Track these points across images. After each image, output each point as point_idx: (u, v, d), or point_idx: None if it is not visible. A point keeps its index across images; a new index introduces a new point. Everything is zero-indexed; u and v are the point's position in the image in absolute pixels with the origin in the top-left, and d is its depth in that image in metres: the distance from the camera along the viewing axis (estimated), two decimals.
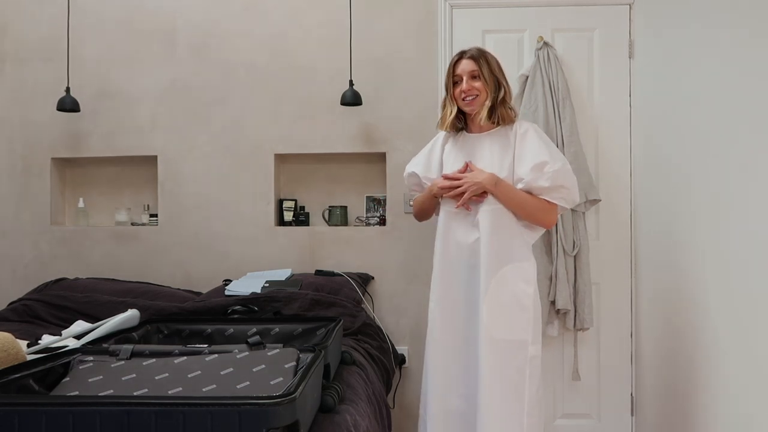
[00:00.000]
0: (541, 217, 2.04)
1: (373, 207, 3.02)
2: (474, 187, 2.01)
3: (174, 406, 1.07)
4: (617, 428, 2.85)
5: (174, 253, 2.99)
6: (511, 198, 2.02)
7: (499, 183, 2.01)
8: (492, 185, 2.01)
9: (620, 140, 2.86)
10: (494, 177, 2.01)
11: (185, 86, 2.99)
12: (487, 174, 2.02)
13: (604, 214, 2.86)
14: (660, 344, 2.52)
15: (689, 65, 2.22)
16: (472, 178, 2.02)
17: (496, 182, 2.01)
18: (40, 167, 3.06)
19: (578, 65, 2.86)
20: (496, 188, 2.01)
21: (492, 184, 2.01)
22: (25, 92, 3.06)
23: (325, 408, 1.45)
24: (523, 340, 1.99)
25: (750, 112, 1.77)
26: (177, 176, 3.00)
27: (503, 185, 2.02)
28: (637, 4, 2.82)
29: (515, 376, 1.97)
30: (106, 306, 2.47)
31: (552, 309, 2.73)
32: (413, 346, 2.87)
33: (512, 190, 2.02)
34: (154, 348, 1.51)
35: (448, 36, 2.88)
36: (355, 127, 2.93)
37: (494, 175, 2.02)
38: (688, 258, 2.21)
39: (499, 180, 2.02)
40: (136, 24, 3.02)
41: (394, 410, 2.70)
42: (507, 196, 2.02)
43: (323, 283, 2.67)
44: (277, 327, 1.95)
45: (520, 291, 2.02)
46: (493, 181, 2.01)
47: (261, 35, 2.97)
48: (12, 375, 1.29)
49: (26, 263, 3.06)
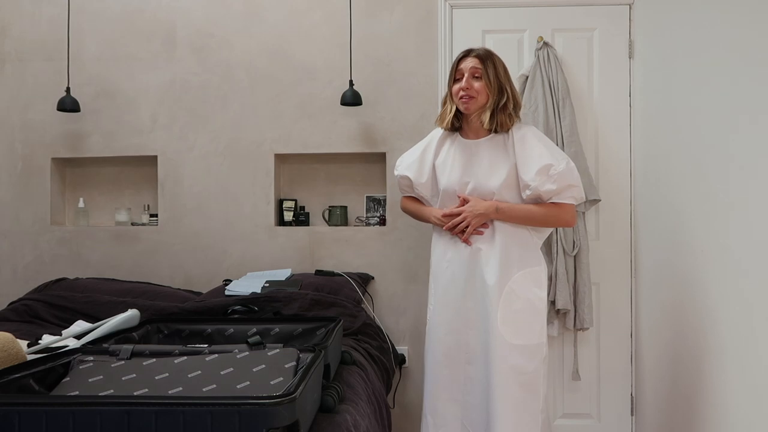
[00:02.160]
0: (554, 220, 2.05)
1: (373, 207, 3.02)
2: (476, 220, 2.01)
3: (174, 406, 1.07)
4: (617, 428, 2.86)
5: (174, 253, 2.99)
6: (516, 217, 2.02)
7: (500, 208, 2.01)
8: (494, 212, 2.01)
9: (620, 140, 2.86)
10: (494, 204, 2.01)
11: (185, 86, 3.00)
12: (486, 203, 2.02)
13: (604, 214, 2.86)
14: (660, 344, 2.53)
15: (689, 65, 2.22)
16: (472, 211, 2.01)
17: (496, 209, 2.01)
18: (41, 167, 3.06)
19: (578, 65, 2.86)
20: (498, 214, 2.01)
21: (493, 212, 2.01)
22: (25, 92, 3.06)
23: (325, 408, 1.45)
24: (540, 344, 2.02)
25: (750, 112, 1.77)
26: (177, 176, 3.00)
27: (504, 209, 2.01)
28: (637, 4, 2.82)
29: (533, 377, 1.99)
30: (106, 306, 2.48)
31: (552, 309, 2.74)
32: (413, 346, 2.87)
33: (514, 210, 2.02)
34: (154, 348, 1.50)
35: (448, 36, 2.88)
36: (355, 127, 2.93)
37: (494, 203, 2.02)
38: (688, 258, 2.21)
39: (498, 206, 2.01)
40: (136, 24, 3.02)
41: (394, 410, 2.70)
42: (511, 217, 2.02)
43: (323, 283, 2.67)
44: (277, 327, 1.95)
45: (534, 296, 2.03)
46: (494, 208, 2.01)
47: (261, 35, 2.97)
48: (12, 375, 1.29)
49: (26, 263, 3.06)
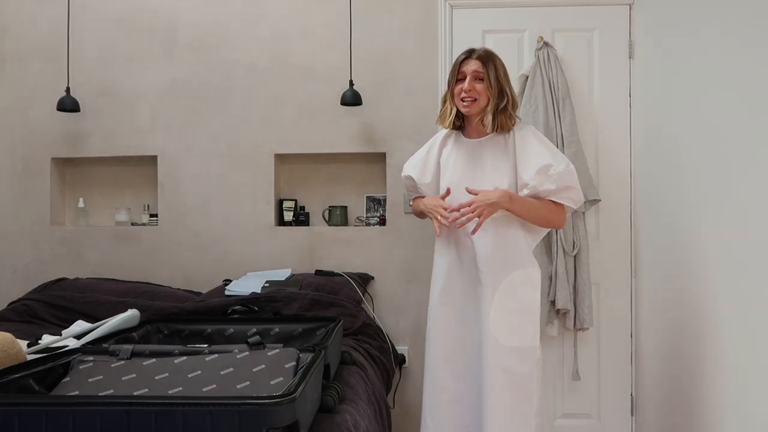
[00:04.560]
0: (554, 219, 2.04)
1: (373, 207, 3.02)
2: (489, 209, 1.92)
3: (174, 406, 1.07)
4: (617, 428, 2.85)
5: (174, 253, 2.99)
6: (527, 208, 1.98)
7: (513, 197, 1.96)
8: (507, 201, 1.94)
9: (620, 140, 2.86)
10: (507, 193, 1.95)
11: (185, 86, 3.00)
12: (499, 192, 1.95)
13: (604, 214, 2.86)
14: (660, 344, 2.53)
15: (689, 65, 2.22)
16: (484, 200, 1.92)
17: (510, 197, 1.95)
18: (40, 167, 3.05)
19: (578, 65, 2.86)
20: (512, 203, 1.95)
21: (507, 200, 1.94)
22: (25, 92, 3.06)
23: (325, 408, 1.45)
24: (533, 347, 2.01)
25: (750, 112, 1.77)
26: (177, 176, 3.00)
27: (517, 199, 1.97)
28: (637, 4, 2.82)
29: (525, 380, 1.97)
30: (106, 306, 2.48)
31: (552, 309, 2.74)
32: (413, 346, 2.87)
33: (526, 201, 1.98)
34: (154, 348, 1.51)
35: (448, 36, 2.88)
36: (355, 127, 2.93)
37: (506, 191, 1.96)
38: (688, 258, 2.21)
39: (513, 195, 1.96)
40: (136, 24, 3.02)
41: (394, 410, 2.70)
42: (523, 207, 1.98)
43: (323, 283, 2.67)
44: (277, 327, 1.95)
45: (527, 297, 2.02)
46: (507, 196, 1.94)
47: (261, 35, 2.97)
48: (12, 375, 1.29)
49: (26, 263, 3.06)
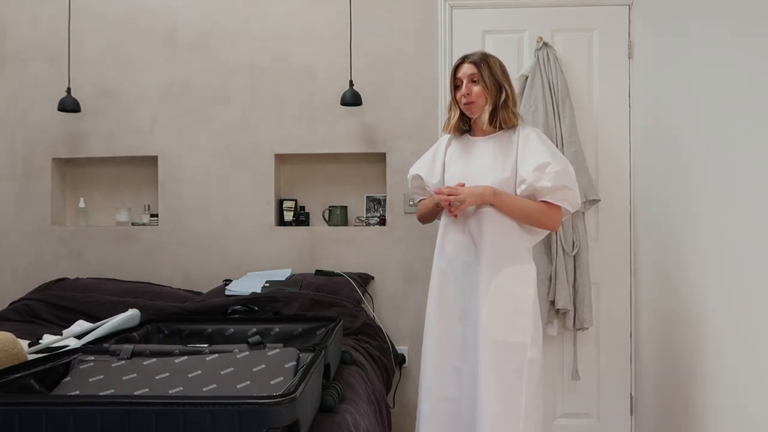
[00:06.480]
0: (545, 220, 2.04)
1: (373, 207, 3.02)
2: (471, 198, 2.00)
3: (174, 406, 1.07)
4: (617, 428, 2.86)
5: (174, 253, 2.99)
6: (511, 205, 2.02)
7: (498, 193, 2.01)
8: (491, 195, 2.00)
9: (620, 140, 2.86)
10: (491, 188, 2.01)
11: (185, 86, 3.00)
12: (483, 186, 2.02)
13: (603, 214, 2.86)
14: (659, 344, 2.53)
15: (688, 65, 2.22)
16: (471, 191, 2.01)
17: (494, 192, 2.01)
18: (41, 167, 3.06)
19: (578, 65, 2.86)
20: (496, 198, 2.01)
21: (490, 194, 2.00)
22: (25, 92, 3.06)
23: (325, 408, 1.45)
24: (522, 342, 1.99)
25: (750, 112, 1.77)
26: (177, 176, 3.00)
27: (502, 195, 2.01)
28: (636, 4, 2.82)
29: (513, 378, 1.96)
30: (107, 306, 2.48)
31: (552, 309, 2.74)
32: (413, 346, 2.87)
33: (511, 198, 2.02)
34: (154, 348, 1.51)
35: (448, 36, 2.89)
36: (355, 127, 2.93)
37: (491, 187, 2.01)
38: (687, 258, 2.21)
39: (496, 190, 2.01)
40: (136, 24, 3.02)
41: (394, 410, 2.71)
42: (507, 204, 2.02)
43: (323, 283, 2.67)
44: (277, 327, 1.96)
45: (520, 293, 2.02)
46: (491, 191, 2.00)
47: (261, 35, 2.97)
48: (13, 375, 1.30)
49: (27, 263, 3.06)
